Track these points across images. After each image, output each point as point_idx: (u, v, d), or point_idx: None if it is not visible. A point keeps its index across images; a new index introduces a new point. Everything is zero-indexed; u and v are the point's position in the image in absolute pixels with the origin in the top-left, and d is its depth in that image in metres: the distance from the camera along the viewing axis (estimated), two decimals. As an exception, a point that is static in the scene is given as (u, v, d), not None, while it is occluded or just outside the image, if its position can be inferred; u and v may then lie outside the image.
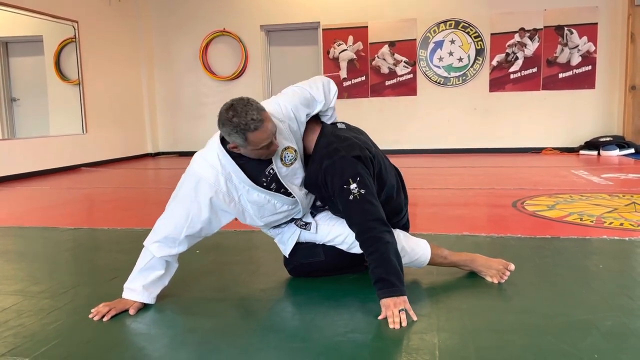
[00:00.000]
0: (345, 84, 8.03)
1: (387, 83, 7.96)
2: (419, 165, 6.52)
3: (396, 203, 2.09)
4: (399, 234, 2.05)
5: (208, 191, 1.84)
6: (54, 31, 6.90)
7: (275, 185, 1.91)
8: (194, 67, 8.51)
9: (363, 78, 8.01)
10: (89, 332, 1.73)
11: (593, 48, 7.36)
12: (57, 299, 2.03)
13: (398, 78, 7.93)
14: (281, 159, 1.91)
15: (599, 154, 7.04)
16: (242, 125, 1.71)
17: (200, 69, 8.47)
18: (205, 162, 1.87)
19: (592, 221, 3.13)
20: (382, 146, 2.28)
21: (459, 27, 7.67)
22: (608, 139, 7.09)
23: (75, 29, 7.02)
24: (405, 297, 1.76)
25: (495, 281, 2.06)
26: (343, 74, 8.04)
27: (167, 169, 7.12)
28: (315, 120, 2.07)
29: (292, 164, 1.93)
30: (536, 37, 7.48)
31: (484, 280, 2.09)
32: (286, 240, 2.15)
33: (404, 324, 1.67)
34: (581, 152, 7.29)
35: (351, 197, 1.83)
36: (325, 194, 1.96)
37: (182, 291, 2.08)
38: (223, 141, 1.87)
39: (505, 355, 1.47)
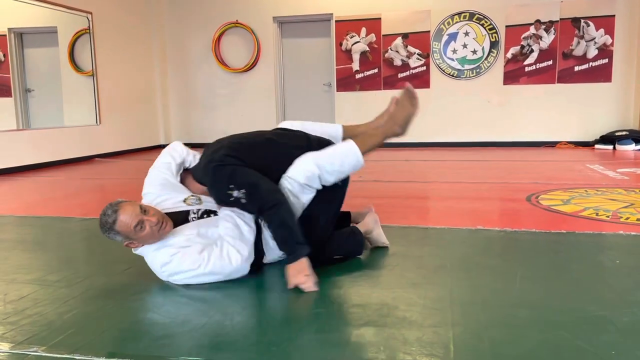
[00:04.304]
0: (358, 76, 8.00)
1: (399, 75, 7.91)
2: (432, 158, 6.49)
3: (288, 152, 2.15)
4: (318, 157, 2.08)
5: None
6: (69, 22, 6.94)
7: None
8: (207, 59, 8.52)
9: (375, 70, 7.97)
10: (105, 321, 1.75)
11: (610, 41, 7.26)
12: (72, 288, 2.05)
13: (411, 70, 7.87)
14: (189, 205, 2.18)
15: (614, 148, 6.95)
16: (106, 227, 1.97)
17: (212, 61, 8.48)
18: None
19: (608, 216, 3.10)
20: (394, 139, 2.32)
21: (474, 19, 7.59)
22: (624, 133, 6.99)
23: (89, 20, 7.06)
24: (303, 260, 1.95)
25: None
26: (355, 66, 8.01)
27: (179, 160, 7.13)
28: (185, 171, 2.35)
29: (199, 204, 2.20)
30: (552, 29, 7.38)
31: (498, 274, 2.08)
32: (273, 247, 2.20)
33: (315, 288, 1.91)
34: (596, 146, 7.20)
35: (243, 201, 2.00)
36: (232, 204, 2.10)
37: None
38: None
39: (520, 350, 1.46)
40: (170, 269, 2.01)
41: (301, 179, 2.05)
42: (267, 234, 2.14)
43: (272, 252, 2.19)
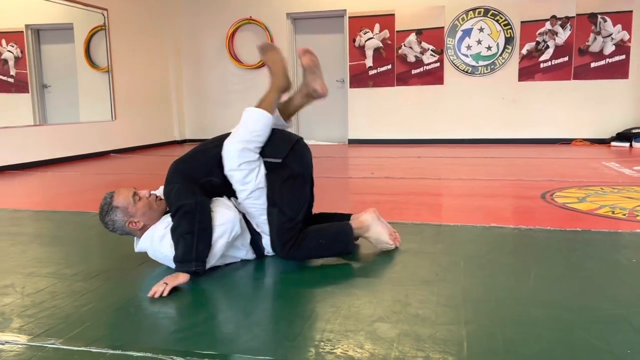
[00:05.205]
0: (371, 72, 7.98)
1: (413, 72, 7.87)
2: (445, 155, 6.46)
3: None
4: (231, 136, 2.17)
5: None
6: (84, 19, 7.00)
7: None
8: (221, 55, 8.55)
9: (389, 67, 7.94)
10: (121, 315, 1.77)
11: (627, 37, 7.15)
12: (89, 282, 2.08)
13: (425, 67, 7.83)
14: None
15: (631, 145, 6.87)
16: (105, 209, 2.13)
17: (226, 57, 8.51)
18: None
19: (624, 214, 3.07)
20: (407, 136, 2.31)
21: (488, 15, 7.53)
22: (641, 130, 6.91)
23: (104, 17, 7.12)
24: (179, 274, 1.96)
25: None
26: (369, 62, 7.98)
27: (193, 156, 7.17)
28: None
29: None
30: (568, 25, 7.30)
31: (512, 272, 2.06)
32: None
33: (157, 295, 1.88)
34: (612, 143, 7.12)
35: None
36: None
37: (213, 275, 2.10)
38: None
39: (534, 349, 1.45)
40: (169, 239, 2.07)
41: (234, 163, 2.12)
42: (253, 223, 2.24)
43: (265, 237, 2.26)
